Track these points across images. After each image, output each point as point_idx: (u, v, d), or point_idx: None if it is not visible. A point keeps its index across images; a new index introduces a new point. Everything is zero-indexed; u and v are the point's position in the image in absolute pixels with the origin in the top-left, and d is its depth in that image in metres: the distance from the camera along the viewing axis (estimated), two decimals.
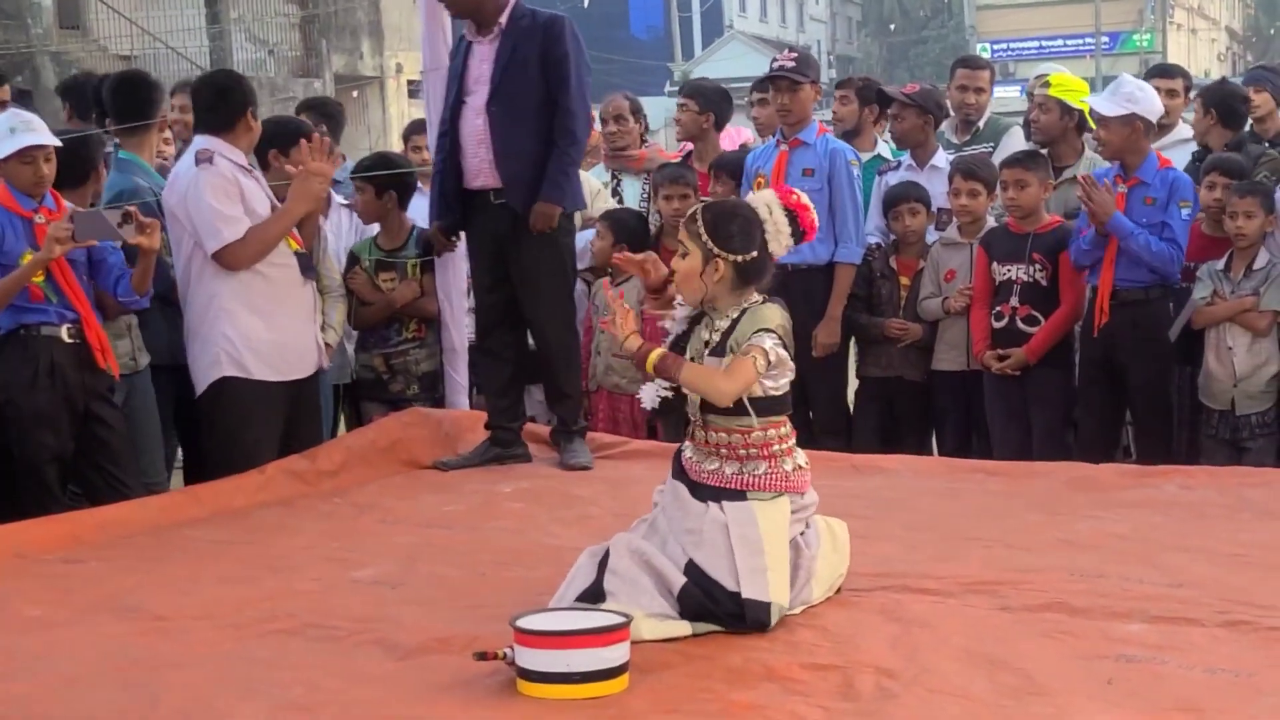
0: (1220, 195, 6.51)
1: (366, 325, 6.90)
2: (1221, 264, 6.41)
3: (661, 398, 4.10)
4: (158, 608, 4.28)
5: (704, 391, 3.95)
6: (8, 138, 5.53)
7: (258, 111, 6.10)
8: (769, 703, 3.43)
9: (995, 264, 6.70)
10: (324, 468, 5.92)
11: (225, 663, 3.81)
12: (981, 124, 7.87)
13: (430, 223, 6.45)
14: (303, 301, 6.03)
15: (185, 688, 3.61)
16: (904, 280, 7.04)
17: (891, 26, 61.44)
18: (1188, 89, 7.89)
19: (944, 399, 6.98)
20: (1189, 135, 7.55)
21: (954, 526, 4.99)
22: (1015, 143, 7.53)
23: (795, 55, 7.14)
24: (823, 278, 6.88)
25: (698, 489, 4.03)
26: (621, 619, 3.59)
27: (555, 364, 6.22)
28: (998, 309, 6.68)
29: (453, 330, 6.79)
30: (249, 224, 5.80)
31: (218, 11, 27.50)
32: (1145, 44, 52.44)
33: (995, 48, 54.50)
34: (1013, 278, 6.65)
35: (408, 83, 30.56)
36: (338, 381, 6.92)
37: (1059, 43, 52.56)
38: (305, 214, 6.00)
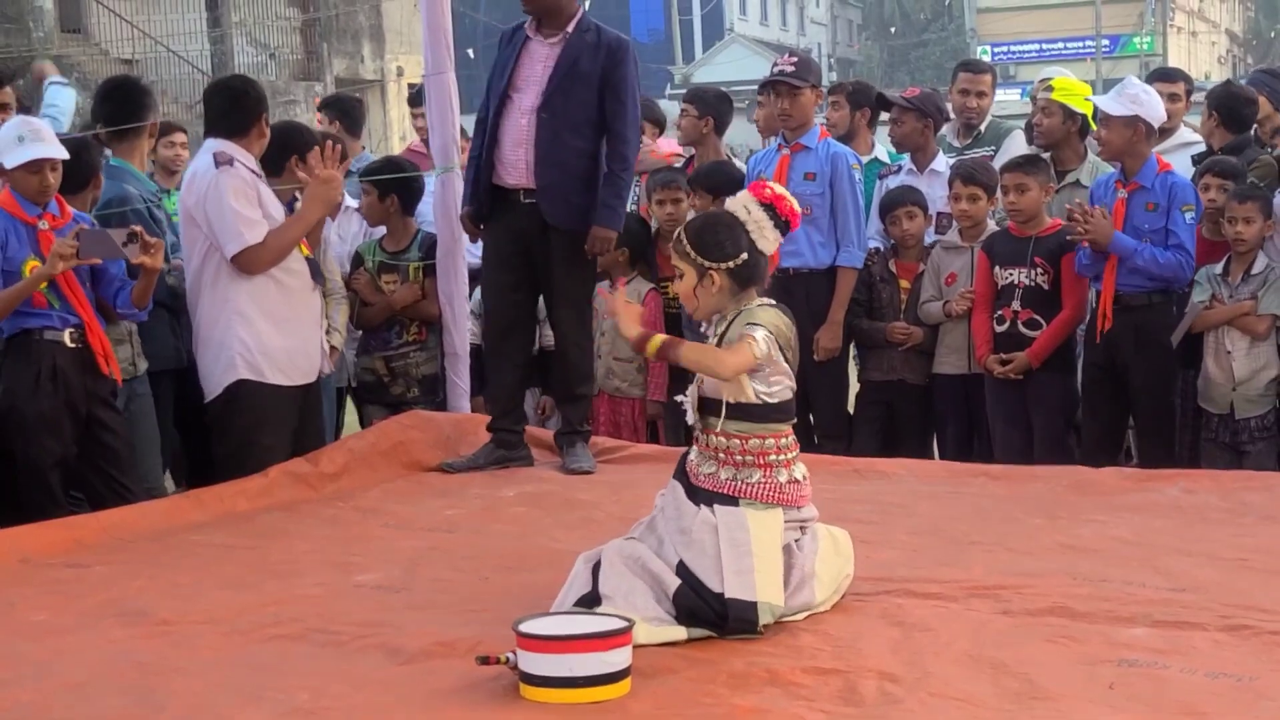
0: (1215, 196, 6.52)
1: (367, 326, 6.94)
2: (1219, 268, 6.41)
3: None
4: (162, 612, 4.28)
5: (707, 366, 3.99)
6: (15, 147, 5.55)
7: (269, 118, 6.11)
8: (772, 707, 3.44)
9: (997, 268, 6.71)
10: (326, 470, 5.93)
11: (230, 668, 3.81)
12: (983, 128, 7.88)
13: (460, 207, 6.39)
14: (312, 307, 6.05)
15: (190, 693, 3.61)
16: (904, 284, 7.05)
17: (892, 30, 61.46)
18: (1189, 93, 7.91)
19: (945, 403, 6.99)
20: (1190, 139, 7.56)
21: (956, 531, 4.99)
22: (1016, 146, 7.55)
23: (795, 60, 7.14)
24: (824, 281, 6.90)
25: (695, 491, 4.05)
26: (624, 623, 3.59)
27: (572, 365, 6.26)
28: (999, 313, 6.68)
29: (454, 333, 6.81)
30: (267, 228, 5.82)
31: (219, 15, 27.48)
32: (1146, 47, 52.43)
33: (996, 50, 54.49)
34: (1014, 282, 6.66)
35: (408, 86, 30.57)
36: (339, 384, 6.94)
37: (1059, 45, 52.53)
38: (321, 217, 6.04)
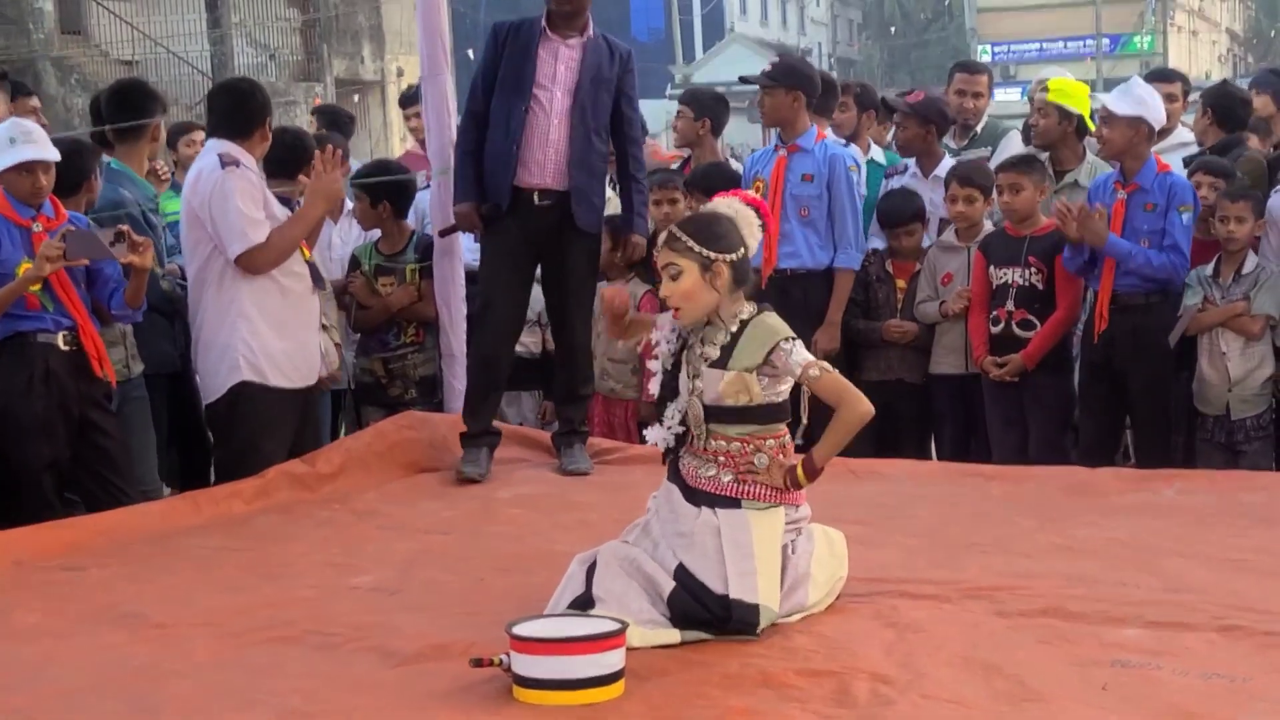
0: (1205, 194, 6.50)
1: (364, 329, 6.94)
2: (1210, 269, 6.40)
3: (675, 435, 4.12)
4: (157, 616, 4.29)
5: (852, 430, 4.06)
6: (8, 149, 5.56)
7: (272, 121, 6.12)
8: (765, 709, 3.44)
9: (992, 268, 6.70)
10: (322, 471, 5.94)
11: (224, 672, 3.81)
12: (979, 128, 7.88)
13: (458, 201, 6.22)
14: (313, 311, 6.04)
15: (184, 698, 3.62)
16: (900, 284, 7.04)
17: (892, 29, 61.44)
18: (1186, 93, 7.90)
19: (942, 403, 6.98)
20: (1188, 139, 7.55)
21: (951, 532, 5.00)
22: (1013, 147, 7.54)
23: (775, 61, 7.18)
24: (822, 282, 6.88)
25: (693, 494, 4.04)
26: (617, 625, 3.59)
27: (579, 366, 6.31)
28: (994, 313, 6.66)
29: (451, 336, 6.79)
30: (270, 228, 5.81)
31: (219, 16, 27.49)
32: (1146, 46, 52.44)
33: (996, 50, 54.53)
34: (1009, 282, 6.64)
35: (408, 87, 30.57)
36: (336, 387, 6.94)
37: (1060, 45, 52.58)
38: (322, 214, 6.02)
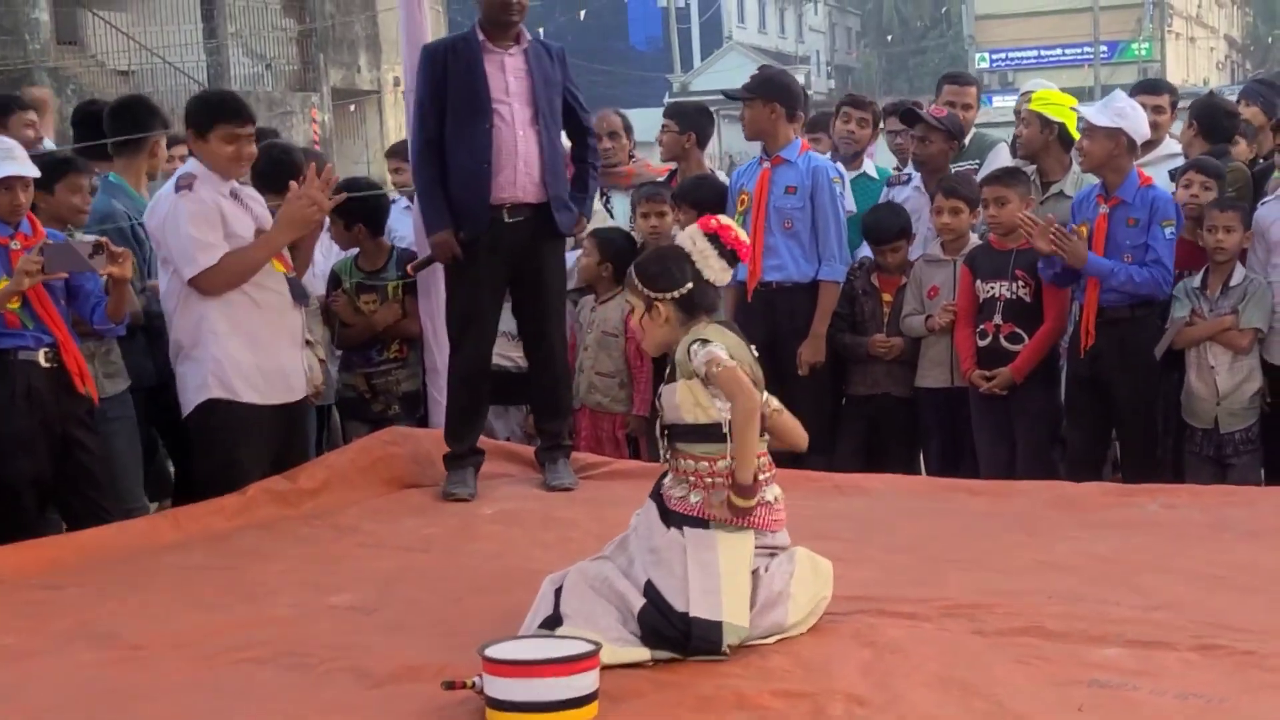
0: (1197, 193, 6.48)
1: (348, 346, 6.90)
2: (1197, 281, 6.38)
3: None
4: (132, 636, 4.26)
5: (745, 426, 3.90)
6: None
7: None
8: None
9: (979, 281, 6.68)
10: (305, 487, 5.91)
11: (196, 693, 3.79)
12: (967, 140, 7.84)
13: (432, 231, 6.10)
14: (291, 326, 5.96)
15: None
16: (886, 297, 7.01)
17: (889, 37, 61.51)
18: (1174, 104, 7.86)
19: (928, 416, 6.95)
20: (1176, 150, 7.53)
21: (934, 548, 4.96)
22: (1001, 159, 7.50)
23: (756, 72, 7.20)
24: (806, 295, 6.86)
25: (667, 513, 4.02)
26: (591, 646, 3.56)
27: (559, 378, 6.28)
28: (981, 327, 6.65)
29: (435, 351, 6.75)
30: (225, 250, 5.74)
31: (215, 26, 27.53)
32: (1144, 53, 52.50)
33: (994, 57, 54.57)
34: (996, 295, 6.63)
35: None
36: (321, 403, 6.91)
37: (1058, 52, 52.57)
38: (290, 241, 5.91)
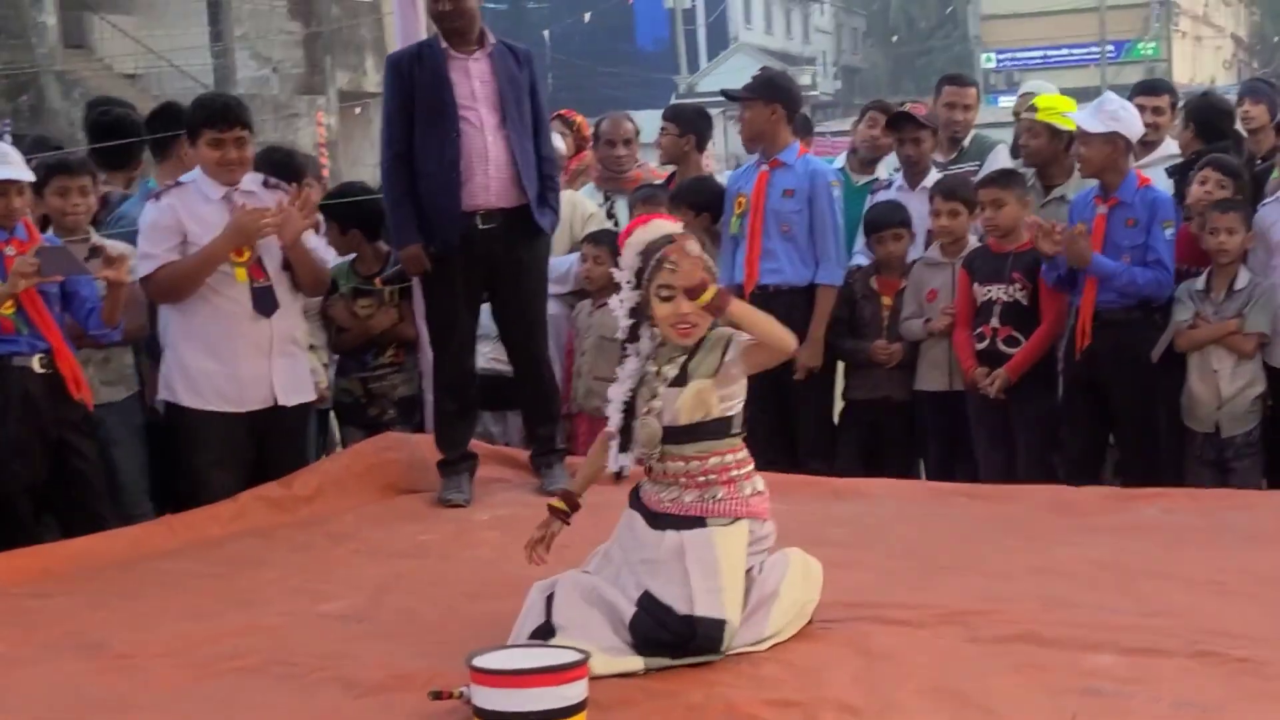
0: (1211, 189, 6.44)
1: (344, 351, 6.88)
2: (1200, 284, 6.34)
3: (631, 464, 4.14)
4: (121, 645, 4.24)
5: (773, 334, 4.01)
6: None
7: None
8: None
9: (976, 284, 6.64)
10: (299, 494, 5.90)
11: (184, 703, 3.78)
12: (966, 142, 7.82)
13: (401, 245, 6.12)
14: (254, 335, 5.90)
15: None
16: (886, 300, 6.97)
17: (895, 38, 61.46)
18: (1174, 105, 7.83)
19: (927, 419, 6.92)
20: (1175, 151, 7.49)
21: (931, 554, 4.94)
22: (1000, 161, 7.46)
23: (756, 73, 7.15)
24: (803, 299, 6.82)
25: (656, 519, 4.01)
26: (579, 656, 3.54)
27: (547, 383, 6.24)
28: (979, 330, 6.61)
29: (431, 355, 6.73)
30: (165, 260, 5.77)
31: (221, 29, 27.53)
32: (1150, 53, 52.37)
33: (1000, 58, 54.43)
34: (993, 298, 6.59)
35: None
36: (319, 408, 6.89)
37: (1064, 52, 52.44)
38: (229, 249, 5.80)
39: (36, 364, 5.55)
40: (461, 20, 5.96)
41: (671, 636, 3.83)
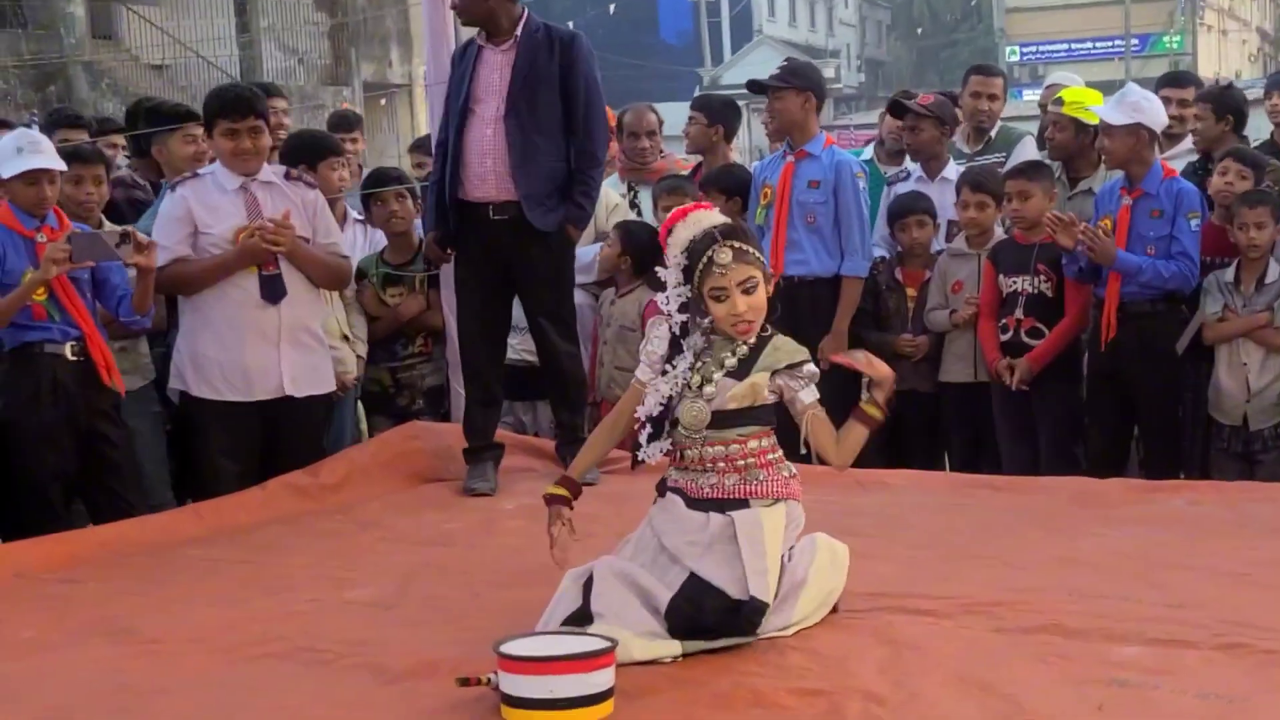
0: (1232, 180, 6.43)
1: (373, 340, 6.89)
2: (1230, 276, 6.33)
3: (658, 455, 4.14)
4: (151, 630, 4.27)
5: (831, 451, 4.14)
6: (14, 158, 5.57)
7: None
8: None
9: (1001, 276, 6.65)
10: (326, 482, 5.93)
11: (213, 688, 3.78)
12: (993, 133, 7.82)
13: (425, 233, 6.34)
14: (261, 325, 5.91)
15: (170, 715, 3.60)
16: (910, 292, 6.99)
17: (919, 30, 61.32)
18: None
19: (951, 411, 6.93)
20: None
21: (955, 544, 4.94)
22: (1027, 153, 7.47)
23: (784, 63, 7.15)
24: (829, 290, 6.82)
25: (697, 505, 3.99)
26: (606, 644, 3.54)
27: (567, 374, 6.20)
28: (1003, 321, 6.62)
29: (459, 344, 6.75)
30: (178, 255, 5.82)
31: (248, 20, 27.62)
32: (1175, 46, 52.14)
33: (1024, 50, 54.29)
34: (1018, 289, 6.60)
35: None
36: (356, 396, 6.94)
37: (1089, 45, 52.25)
38: (240, 268, 5.86)
39: (69, 351, 5.59)
40: (475, 14, 5.98)
41: (711, 619, 3.83)
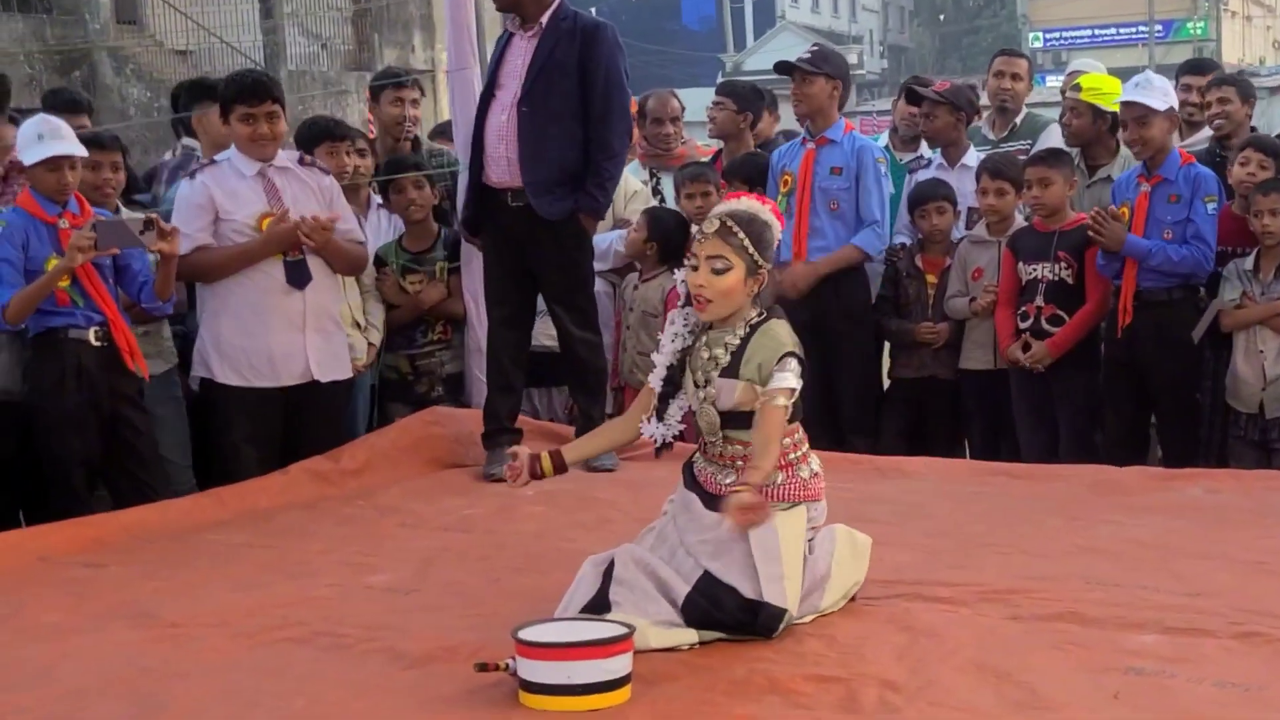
0: (1254, 170, 6.41)
1: (394, 327, 6.89)
2: (1249, 263, 6.32)
3: (668, 436, 4.14)
4: (172, 614, 4.29)
5: (774, 455, 3.88)
6: (35, 144, 5.60)
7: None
8: (770, 715, 3.40)
9: (1021, 263, 6.64)
10: (347, 468, 5.96)
11: (233, 672, 3.81)
12: (1018, 121, 7.80)
13: (459, 217, 6.41)
14: (286, 310, 5.97)
15: (188, 699, 3.62)
16: (930, 279, 6.98)
17: (942, 16, 61.12)
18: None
19: (971, 398, 6.92)
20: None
21: (973, 532, 4.95)
22: (1053, 140, 7.42)
23: (816, 47, 7.12)
24: (853, 275, 6.85)
25: (713, 500, 3.97)
26: (624, 630, 3.56)
27: (582, 361, 6.18)
28: (1023, 309, 6.62)
29: (479, 331, 6.74)
30: (200, 243, 5.86)
31: (271, 6, 27.60)
32: (1199, 32, 51.83)
33: (1048, 37, 53.98)
34: (1038, 277, 6.59)
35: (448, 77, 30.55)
36: (372, 382, 6.94)
37: (1112, 31, 51.95)
38: (266, 256, 5.92)
39: (92, 337, 5.62)
40: (500, 2, 6.01)
41: (728, 618, 3.83)
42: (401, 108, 7.37)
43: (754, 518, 3.74)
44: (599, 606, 3.86)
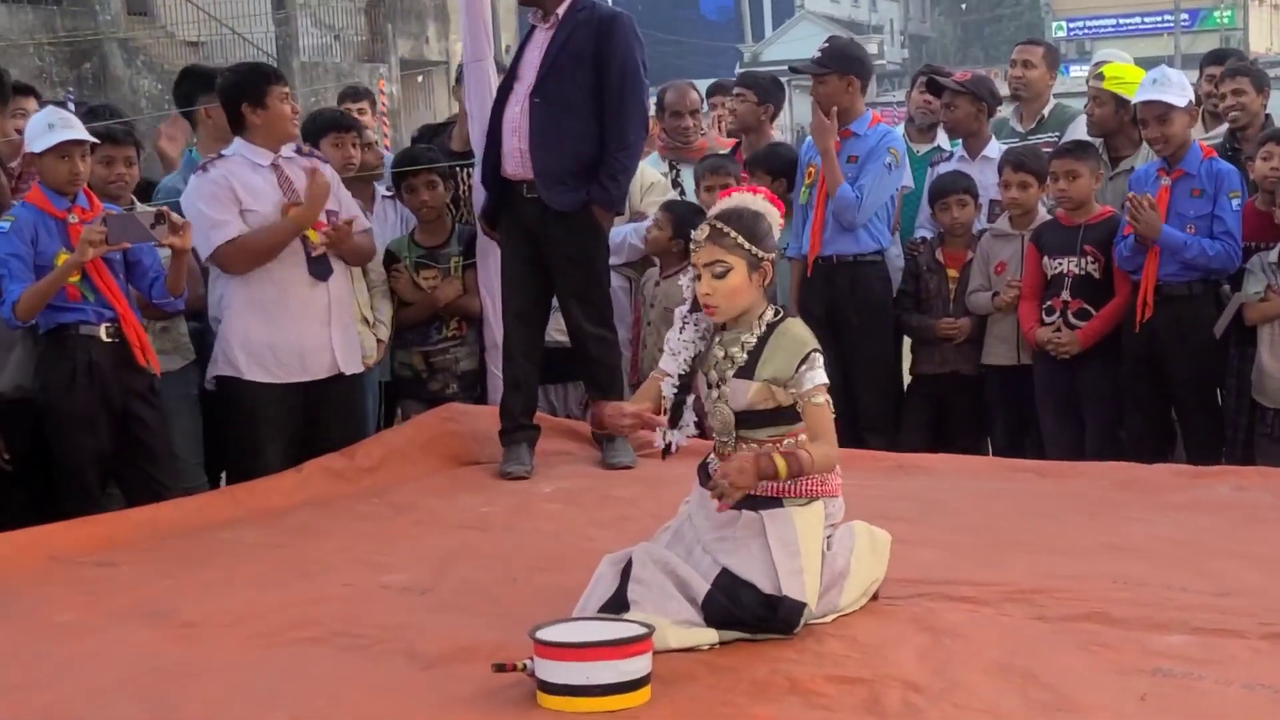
0: (1276, 165, 6.35)
1: (408, 324, 6.84)
2: (1274, 256, 6.25)
3: (681, 440, 4.12)
4: (187, 614, 4.26)
5: (817, 469, 3.90)
6: (45, 133, 5.57)
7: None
8: (792, 717, 3.36)
9: (1046, 258, 6.58)
10: (362, 465, 5.92)
11: (249, 672, 3.78)
12: (1047, 112, 7.73)
13: (478, 209, 6.39)
14: (312, 303, 5.96)
15: (205, 699, 3.58)
16: (952, 273, 6.93)
17: (964, 5, 60.95)
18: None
19: (994, 393, 6.87)
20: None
21: (998, 530, 4.89)
22: (1081, 132, 7.36)
23: (824, 45, 7.06)
24: (871, 270, 6.79)
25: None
26: (643, 630, 3.52)
27: (595, 358, 6.09)
28: (1049, 303, 6.56)
29: (494, 326, 6.68)
30: (241, 228, 5.82)
31: None
32: (1226, 21, 51.63)
33: (1071, 26, 53.85)
34: (1064, 271, 6.53)
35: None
36: (382, 378, 6.90)
37: (1137, 20, 51.76)
38: (295, 235, 5.90)
39: (103, 333, 5.59)
40: None
41: (748, 615, 3.79)
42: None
43: (736, 479, 3.75)
44: (617, 605, 3.82)
